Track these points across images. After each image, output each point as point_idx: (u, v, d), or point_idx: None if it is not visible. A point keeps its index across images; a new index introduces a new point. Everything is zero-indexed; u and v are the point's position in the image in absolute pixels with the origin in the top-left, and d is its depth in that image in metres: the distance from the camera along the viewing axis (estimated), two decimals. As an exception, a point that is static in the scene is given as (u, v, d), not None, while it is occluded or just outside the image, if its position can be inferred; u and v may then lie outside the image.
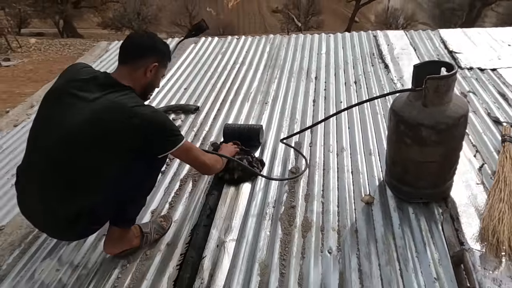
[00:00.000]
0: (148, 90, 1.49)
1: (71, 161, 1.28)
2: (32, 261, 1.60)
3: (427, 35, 3.37)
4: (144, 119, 1.28)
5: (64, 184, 1.29)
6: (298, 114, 2.41)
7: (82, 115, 1.26)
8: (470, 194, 1.67)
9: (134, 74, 1.39)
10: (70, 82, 1.34)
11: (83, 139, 1.26)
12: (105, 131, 1.26)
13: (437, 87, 1.37)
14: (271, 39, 3.64)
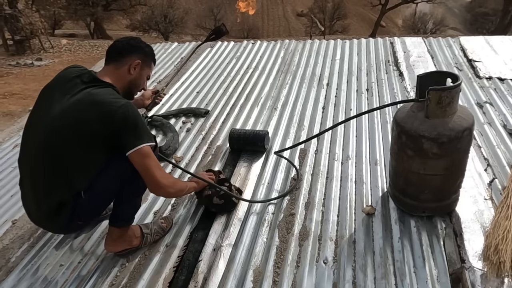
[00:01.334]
0: (132, 88, 1.55)
1: (53, 152, 1.36)
2: (39, 255, 1.68)
3: (447, 43, 3.28)
4: (116, 111, 1.32)
5: (48, 174, 1.37)
6: (306, 120, 2.40)
7: (62, 108, 1.35)
8: (476, 210, 1.60)
9: (117, 72, 1.47)
10: (59, 79, 1.44)
11: (61, 130, 1.34)
12: (78, 121, 1.33)
13: (440, 99, 1.33)
14: (286, 44, 3.65)
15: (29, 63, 12.32)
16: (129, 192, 1.47)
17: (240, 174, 1.99)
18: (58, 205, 1.37)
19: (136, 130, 1.35)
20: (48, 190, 1.38)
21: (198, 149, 2.26)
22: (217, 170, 1.87)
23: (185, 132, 2.45)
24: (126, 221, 1.54)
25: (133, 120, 1.35)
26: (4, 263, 1.66)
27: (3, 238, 1.80)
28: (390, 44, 3.39)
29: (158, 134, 2.46)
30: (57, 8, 18.13)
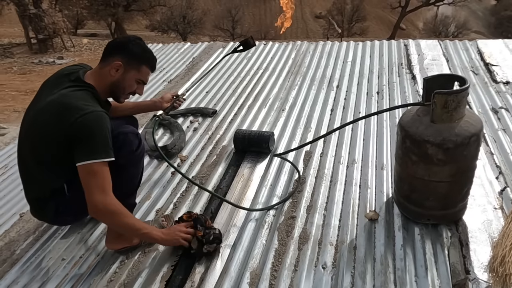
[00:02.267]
0: (115, 91, 1.50)
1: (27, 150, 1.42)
2: (42, 248, 1.71)
3: (463, 46, 3.18)
4: (75, 120, 1.30)
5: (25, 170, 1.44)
6: (313, 123, 2.37)
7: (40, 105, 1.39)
8: (485, 219, 1.54)
9: (100, 72, 1.46)
10: (55, 76, 1.47)
11: (33, 127, 1.39)
12: (44, 122, 1.36)
13: (446, 103, 1.28)
14: (298, 45, 3.62)
15: (51, 61, 12.70)
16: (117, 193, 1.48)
17: (243, 175, 1.98)
18: (37, 200, 1.41)
19: (90, 143, 1.30)
20: (26, 185, 1.45)
21: (204, 149, 2.26)
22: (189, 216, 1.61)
23: (192, 131, 2.45)
24: None
25: (89, 132, 1.30)
26: (9, 255, 1.70)
27: (10, 230, 1.84)
28: (404, 47, 3.31)
29: (166, 132, 2.48)
30: (80, 8, 18.65)
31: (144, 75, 1.54)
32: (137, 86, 1.55)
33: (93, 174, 1.29)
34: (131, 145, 1.52)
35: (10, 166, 2.39)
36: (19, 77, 11.45)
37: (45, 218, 1.60)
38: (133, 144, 1.53)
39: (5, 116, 8.19)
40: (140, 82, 1.55)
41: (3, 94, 9.75)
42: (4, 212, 1.99)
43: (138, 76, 1.52)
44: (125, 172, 1.51)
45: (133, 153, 1.53)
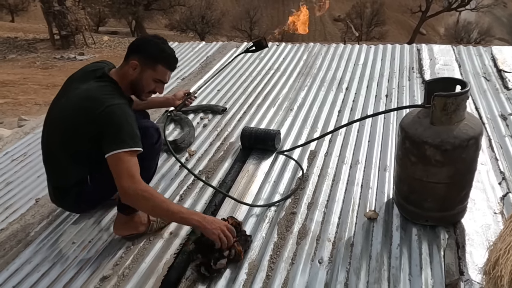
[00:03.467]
0: (136, 88, 1.56)
1: (53, 141, 1.49)
2: (55, 231, 1.81)
3: (477, 51, 3.15)
4: (101, 112, 1.37)
5: (51, 161, 1.52)
6: (320, 123, 2.41)
7: (65, 101, 1.47)
8: (484, 223, 1.55)
9: (122, 70, 1.53)
10: (80, 72, 1.55)
11: (59, 123, 1.46)
12: (71, 115, 1.43)
13: (445, 105, 1.31)
14: (310, 47, 3.66)
15: (72, 57, 13.08)
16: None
17: (248, 170, 2.03)
18: (62, 189, 1.49)
19: (117, 133, 1.35)
20: (51, 174, 1.53)
21: (212, 145, 2.33)
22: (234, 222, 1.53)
23: (202, 127, 2.53)
24: (132, 208, 1.62)
25: (116, 122, 1.36)
26: (24, 236, 1.80)
27: (26, 214, 1.95)
28: (417, 51, 3.31)
29: (176, 127, 2.56)
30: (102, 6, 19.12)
31: (160, 74, 1.55)
32: (155, 85, 1.58)
33: (122, 162, 1.33)
34: (151, 139, 1.59)
35: (29, 154, 2.52)
36: (41, 72, 11.84)
37: (65, 206, 1.69)
38: (153, 137, 1.60)
39: (27, 109, 8.49)
40: (158, 81, 1.57)
41: (26, 88, 10.11)
42: (21, 196, 2.10)
43: (154, 75, 1.54)
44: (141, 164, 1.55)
45: (152, 146, 1.60)
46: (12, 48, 14.43)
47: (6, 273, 1.61)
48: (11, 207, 2.03)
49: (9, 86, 10.14)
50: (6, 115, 7.89)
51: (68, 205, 1.62)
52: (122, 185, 1.34)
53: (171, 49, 1.60)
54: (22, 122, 7.00)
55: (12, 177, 2.30)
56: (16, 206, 2.03)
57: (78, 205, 1.60)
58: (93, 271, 1.57)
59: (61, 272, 1.59)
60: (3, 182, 2.26)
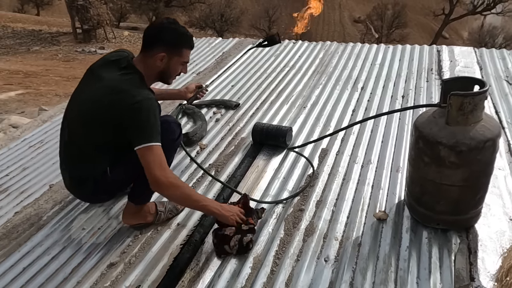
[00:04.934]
0: (164, 76, 1.58)
1: (79, 132, 1.49)
2: (66, 217, 1.85)
3: (500, 54, 3.05)
4: (131, 106, 1.38)
5: (73, 149, 1.52)
6: (333, 122, 2.38)
7: (92, 90, 1.46)
8: (498, 229, 1.50)
9: (146, 62, 1.52)
10: (102, 61, 1.55)
11: (86, 111, 1.47)
12: (99, 106, 1.43)
13: (462, 105, 1.27)
14: (327, 46, 3.62)
15: (92, 51, 13.37)
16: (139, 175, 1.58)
17: (258, 166, 2.03)
18: (80, 178, 1.51)
19: (146, 127, 1.38)
20: (70, 164, 1.54)
21: (223, 139, 2.33)
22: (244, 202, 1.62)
23: (214, 122, 2.53)
24: (143, 200, 1.65)
25: (146, 117, 1.38)
26: (37, 220, 1.85)
27: (40, 199, 2.00)
28: (437, 52, 3.22)
29: (189, 121, 2.57)
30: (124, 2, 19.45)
31: (186, 56, 1.60)
32: (181, 68, 1.61)
33: (152, 154, 1.38)
34: (173, 134, 1.61)
35: (46, 141, 2.58)
36: (63, 64, 12.14)
37: (82, 195, 1.69)
38: (175, 133, 1.62)
39: (48, 99, 8.72)
40: (184, 63, 1.62)
41: (47, 79, 10.39)
42: (36, 182, 2.16)
43: (181, 59, 1.58)
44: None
45: (173, 142, 1.63)
46: (36, 41, 14.84)
47: (18, 255, 1.66)
48: (26, 192, 2.08)
49: (32, 77, 10.44)
50: (27, 105, 8.13)
51: (85, 195, 1.64)
52: (155, 175, 1.38)
53: (184, 27, 1.61)
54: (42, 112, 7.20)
55: (29, 163, 2.36)
56: (30, 191, 2.08)
57: (95, 195, 1.62)
58: (101, 257, 1.59)
59: (71, 256, 1.62)
60: (19, 168, 2.33)
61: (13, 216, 1.90)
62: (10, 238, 1.75)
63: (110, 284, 1.45)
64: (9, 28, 15.98)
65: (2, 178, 2.24)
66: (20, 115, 7.11)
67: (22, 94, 8.89)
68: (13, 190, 2.12)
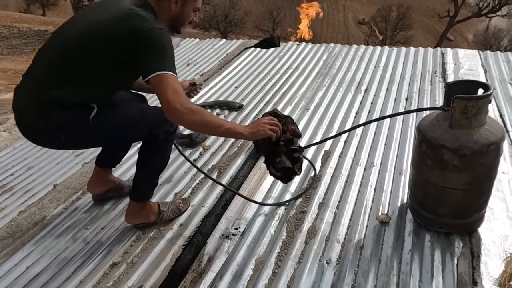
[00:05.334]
0: (176, 23, 1.48)
1: (77, 52, 1.35)
2: (70, 216, 1.86)
3: (505, 57, 3.03)
4: (154, 32, 1.29)
5: (69, 69, 1.36)
6: (336, 124, 2.38)
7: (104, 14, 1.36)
8: (502, 234, 1.49)
9: (158, 5, 1.41)
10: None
11: (96, 33, 1.34)
12: (114, 29, 1.32)
13: (465, 108, 1.27)
14: (331, 48, 3.62)
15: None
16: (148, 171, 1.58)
17: (260, 168, 2.03)
18: (57, 102, 1.32)
19: (163, 56, 1.29)
20: (55, 81, 1.34)
21: (226, 140, 2.34)
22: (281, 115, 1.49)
23: (217, 123, 2.54)
24: (144, 197, 1.65)
25: (162, 44, 1.30)
26: (41, 219, 1.86)
27: (44, 198, 2.02)
28: (441, 55, 3.21)
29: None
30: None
31: (199, 1, 1.51)
32: (193, 15, 1.52)
33: (168, 80, 1.27)
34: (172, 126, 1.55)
35: (50, 141, 2.59)
36: (68, 64, 12.18)
37: (46, 125, 1.37)
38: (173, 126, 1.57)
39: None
40: (196, 10, 1.52)
41: (52, 79, 10.42)
42: (41, 181, 2.17)
43: (195, 4, 1.49)
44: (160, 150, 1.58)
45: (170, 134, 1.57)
46: (42, 41, 14.92)
47: (21, 254, 1.67)
48: (30, 191, 2.10)
49: (37, 77, 10.49)
50: (32, 105, 8.16)
51: (43, 126, 1.38)
52: (169, 99, 1.25)
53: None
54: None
55: (33, 163, 2.38)
56: (35, 190, 2.10)
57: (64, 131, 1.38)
58: (103, 257, 1.60)
59: (74, 255, 1.63)
60: (24, 167, 2.34)
61: (17, 215, 1.92)
62: (14, 237, 1.77)
63: (113, 284, 1.46)
64: (15, 28, 16.09)
65: (7, 177, 2.25)
66: (25, 115, 7.14)
67: (27, 94, 8.95)
68: (18, 189, 2.13)
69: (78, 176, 2.16)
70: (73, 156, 2.38)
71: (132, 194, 1.64)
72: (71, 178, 2.15)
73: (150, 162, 1.59)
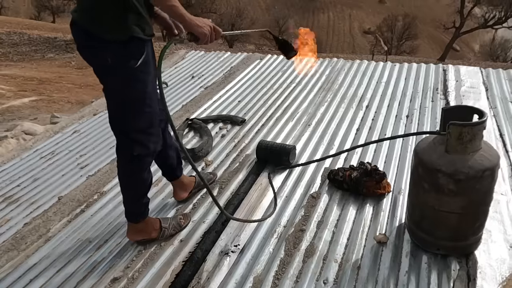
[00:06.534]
0: None
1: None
2: (73, 229, 1.90)
3: (507, 75, 3.05)
4: None
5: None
6: (337, 140, 2.40)
7: None
8: (498, 257, 1.50)
9: None
10: None
11: None
12: None
13: (460, 134, 1.29)
14: (334, 62, 3.66)
15: (105, 59, 13.60)
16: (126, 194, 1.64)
17: (261, 184, 2.06)
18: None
19: None
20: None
21: (228, 155, 2.37)
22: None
23: (220, 137, 2.58)
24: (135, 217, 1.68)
25: None
26: (45, 232, 1.90)
27: (49, 210, 2.06)
28: (443, 71, 3.24)
29: (195, 135, 2.62)
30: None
31: None
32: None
33: None
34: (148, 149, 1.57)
35: (57, 152, 2.65)
36: (76, 72, 12.39)
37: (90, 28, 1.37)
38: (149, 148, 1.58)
39: (60, 106, 8.90)
40: None
41: (60, 86, 10.61)
42: (46, 193, 2.22)
43: None
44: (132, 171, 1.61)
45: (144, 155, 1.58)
46: (51, 48, 15.19)
47: (25, 266, 1.71)
48: (36, 203, 2.14)
49: (46, 84, 10.68)
50: (40, 112, 8.30)
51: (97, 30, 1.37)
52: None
53: None
54: (54, 119, 7.35)
55: (39, 174, 2.43)
56: (40, 202, 2.15)
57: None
58: (105, 271, 1.63)
59: (76, 269, 1.66)
60: (30, 178, 2.40)
61: (22, 227, 1.96)
62: (19, 249, 1.81)
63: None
64: (25, 35, 16.40)
65: (14, 189, 2.31)
66: (33, 122, 7.27)
67: (35, 101, 9.10)
68: (24, 201, 2.18)
69: (83, 188, 2.21)
70: (78, 168, 2.44)
71: (127, 215, 1.68)
72: (75, 191, 2.20)
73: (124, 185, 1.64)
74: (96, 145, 2.68)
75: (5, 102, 8.83)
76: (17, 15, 29.38)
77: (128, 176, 1.64)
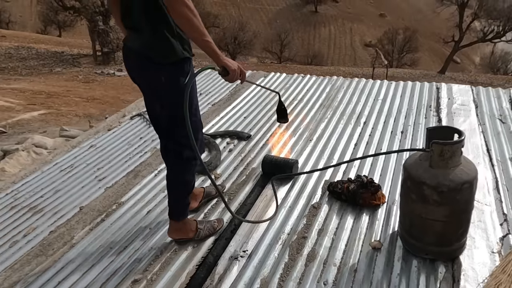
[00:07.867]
0: None
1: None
2: (95, 237, 2.08)
3: (496, 93, 3.25)
4: None
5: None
6: (336, 155, 2.59)
7: None
8: (480, 261, 1.67)
9: None
10: None
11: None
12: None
13: (442, 152, 1.48)
14: (334, 80, 3.88)
15: (111, 73, 13.96)
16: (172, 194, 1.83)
17: (266, 195, 2.24)
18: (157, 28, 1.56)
19: None
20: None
21: (236, 169, 2.56)
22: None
23: (228, 152, 2.77)
24: (177, 215, 1.88)
25: None
26: (69, 239, 2.08)
27: (71, 219, 2.25)
28: (436, 90, 3.45)
29: (205, 150, 2.82)
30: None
31: None
32: None
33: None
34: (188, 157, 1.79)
35: (75, 166, 2.85)
36: (83, 85, 12.72)
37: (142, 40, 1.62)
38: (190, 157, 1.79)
39: (68, 120, 9.16)
40: None
41: (68, 100, 10.90)
42: (67, 204, 2.41)
43: None
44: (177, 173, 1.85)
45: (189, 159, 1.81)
46: (58, 62, 15.60)
47: (53, 270, 1.89)
48: (59, 213, 2.33)
49: (54, 97, 10.98)
50: (49, 125, 8.56)
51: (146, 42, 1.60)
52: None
53: None
54: (63, 132, 7.59)
55: (60, 186, 2.63)
56: (63, 212, 2.33)
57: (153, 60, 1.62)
58: (126, 274, 1.81)
59: (99, 272, 1.84)
60: (52, 190, 2.59)
61: (48, 234, 2.15)
62: (46, 255, 1.99)
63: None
64: (33, 49, 16.85)
65: (37, 199, 2.50)
66: (42, 135, 7.51)
67: (44, 114, 9.37)
68: (47, 211, 2.37)
69: (102, 199, 2.40)
70: (96, 180, 2.63)
71: (169, 213, 1.89)
72: (95, 202, 2.39)
73: (171, 185, 1.86)
74: (112, 158, 2.88)
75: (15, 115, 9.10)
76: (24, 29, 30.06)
77: (176, 176, 1.85)
